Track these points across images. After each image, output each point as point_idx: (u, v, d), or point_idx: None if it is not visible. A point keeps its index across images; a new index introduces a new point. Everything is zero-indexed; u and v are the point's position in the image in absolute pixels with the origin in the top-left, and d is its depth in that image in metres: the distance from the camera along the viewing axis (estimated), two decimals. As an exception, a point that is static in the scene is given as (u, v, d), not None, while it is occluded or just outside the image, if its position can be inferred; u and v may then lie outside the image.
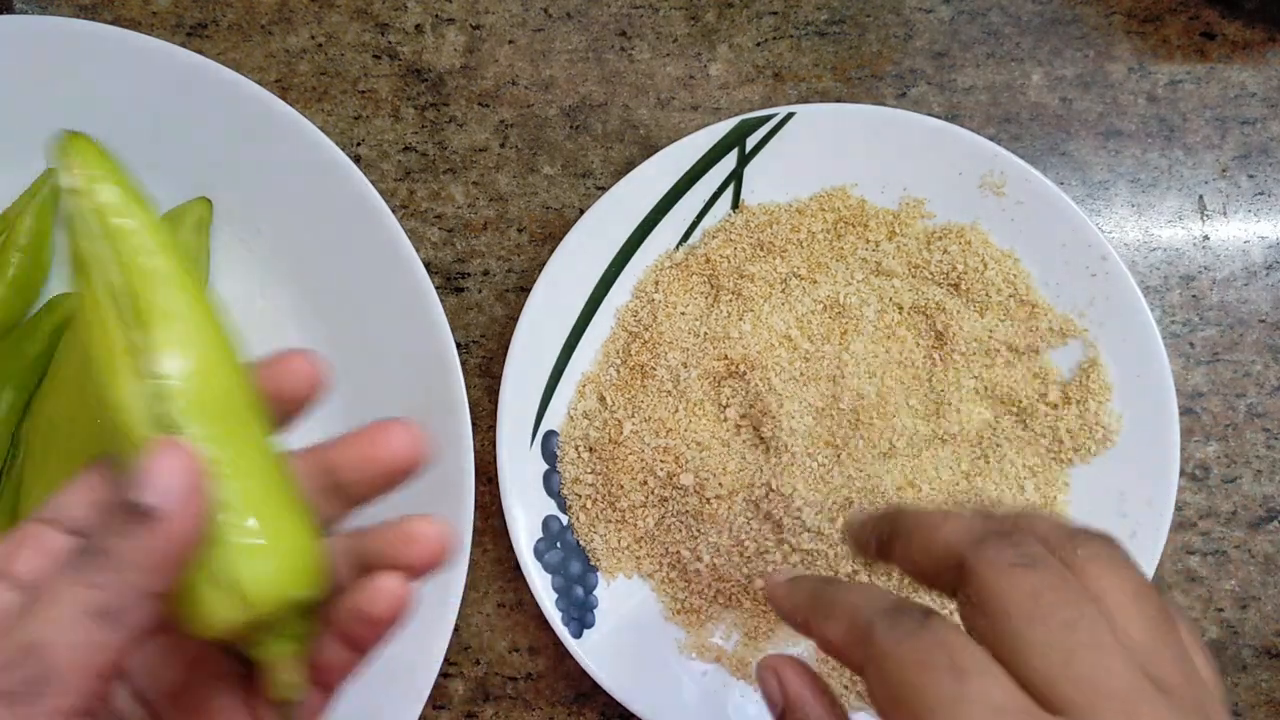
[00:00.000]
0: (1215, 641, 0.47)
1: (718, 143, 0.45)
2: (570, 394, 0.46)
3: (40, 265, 0.45)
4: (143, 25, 0.48)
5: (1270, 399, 0.48)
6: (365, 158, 0.48)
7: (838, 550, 0.44)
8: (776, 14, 0.49)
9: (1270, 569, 0.47)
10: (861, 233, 0.46)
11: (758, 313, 0.45)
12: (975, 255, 0.45)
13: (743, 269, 0.45)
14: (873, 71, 0.49)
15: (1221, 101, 0.48)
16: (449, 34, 0.49)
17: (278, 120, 0.44)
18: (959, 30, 0.49)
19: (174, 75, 0.44)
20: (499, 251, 0.48)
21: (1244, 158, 0.48)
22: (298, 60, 0.48)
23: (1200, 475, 0.48)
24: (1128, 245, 0.48)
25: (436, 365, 0.43)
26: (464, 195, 0.48)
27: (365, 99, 0.48)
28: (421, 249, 0.48)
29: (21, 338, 0.43)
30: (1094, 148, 0.48)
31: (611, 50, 0.49)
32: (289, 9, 0.48)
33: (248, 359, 0.25)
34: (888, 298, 0.46)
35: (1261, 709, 0.47)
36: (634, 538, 0.45)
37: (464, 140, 0.48)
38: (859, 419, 0.44)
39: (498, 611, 0.47)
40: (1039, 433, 0.45)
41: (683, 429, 0.44)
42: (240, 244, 0.46)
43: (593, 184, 0.48)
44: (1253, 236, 0.48)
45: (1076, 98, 0.48)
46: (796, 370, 0.45)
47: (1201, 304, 0.48)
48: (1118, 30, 0.49)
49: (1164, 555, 0.45)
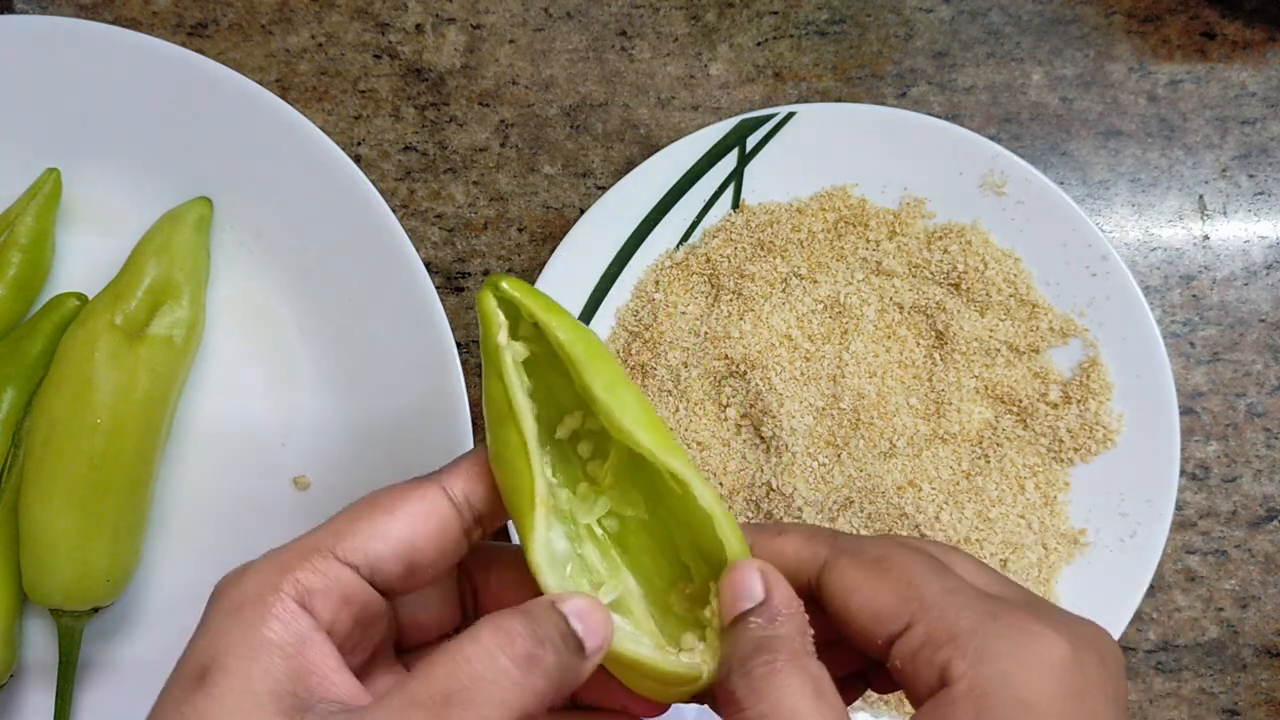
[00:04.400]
0: (1215, 641, 0.47)
1: (718, 142, 0.45)
2: (570, 394, 0.46)
3: (40, 265, 0.45)
4: (143, 25, 0.48)
5: (1270, 399, 0.48)
6: (365, 157, 0.48)
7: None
8: (777, 14, 0.49)
9: (1270, 569, 0.47)
10: (862, 232, 0.46)
11: (758, 312, 0.45)
12: (976, 255, 0.45)
13: (743, 269, 0.45)
14: (873, 71, 0.49)
15: (1221, 101, 0.48)
16: (449, 34, 0.49)
17: (278, 120, 0.44)
18: (959, 30, 0.49)
19: (174, 75, 0.44)
20: (499, 251, 0.48)
21: (1244, 157, 0.48)
22: (298, 60, 0.48)
23: (1200, 475, 0.48)
24: (1128, 245, 0.48)
25: (436, 365, 0.43)
26: (464, 195, 0.48)
27: (365, 99, 0.48)
28: (422, 249, 0.48)
29: (21, 338, 0.43)
30: (1094, 147, 0.48)
31: (612, 50, 0.49)
32: (289, 9, 0.48)
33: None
34: (888, 297, 0.46)
35: (1261, 709, 0.47)
36: (634, 537, 0.45)
37: (464, 140, 0.48)
38: (859, 418, 0.44)
39: (498, 611, 0.47)
40: (1039, 432, 0.45)
41: (683, 428, 0.44)
42: (240, 244, 0.46)
43: (593, 184, 0.48)
44: (1253, 236, 0.48)
45: (1077, 97, 0.48)
46: (797, 370, 0.45)
47: (1201, 304, 0.48)
48: (1118, 30, 0.49)
49: (1164, 555, 0.45)
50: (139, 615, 0.45)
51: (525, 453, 0.27)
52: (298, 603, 0.25)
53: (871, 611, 0.27)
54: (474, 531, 0.29)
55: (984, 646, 0.25)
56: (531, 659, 0.24)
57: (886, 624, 0.27)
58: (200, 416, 0.46)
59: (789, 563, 0.29)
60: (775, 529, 0.30)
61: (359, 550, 0.26)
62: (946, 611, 0.26)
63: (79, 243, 0.46)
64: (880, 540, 0.29)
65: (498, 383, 0.27)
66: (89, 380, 0.41)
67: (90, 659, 0.45)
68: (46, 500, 0.41)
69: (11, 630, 0.42)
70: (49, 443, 0.41)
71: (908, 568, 0.27)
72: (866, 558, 0.28)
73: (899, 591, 0.27)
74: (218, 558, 0.45)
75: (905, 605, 0.26)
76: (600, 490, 0.29)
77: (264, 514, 0.45)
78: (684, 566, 0.29)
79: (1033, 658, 0.25)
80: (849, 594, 0.27)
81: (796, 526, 0.30)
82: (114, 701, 0.45)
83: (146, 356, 0.42)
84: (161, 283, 0.43)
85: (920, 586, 0.27)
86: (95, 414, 0.41)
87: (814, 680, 0.25)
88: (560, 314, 0.28)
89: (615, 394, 0.27)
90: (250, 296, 0.46)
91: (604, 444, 0.29)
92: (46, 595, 0.41)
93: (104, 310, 0.42)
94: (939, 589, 0.27)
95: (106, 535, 0.41)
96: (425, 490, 0.27)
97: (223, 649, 0.24)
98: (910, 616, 0.26)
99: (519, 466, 0.27)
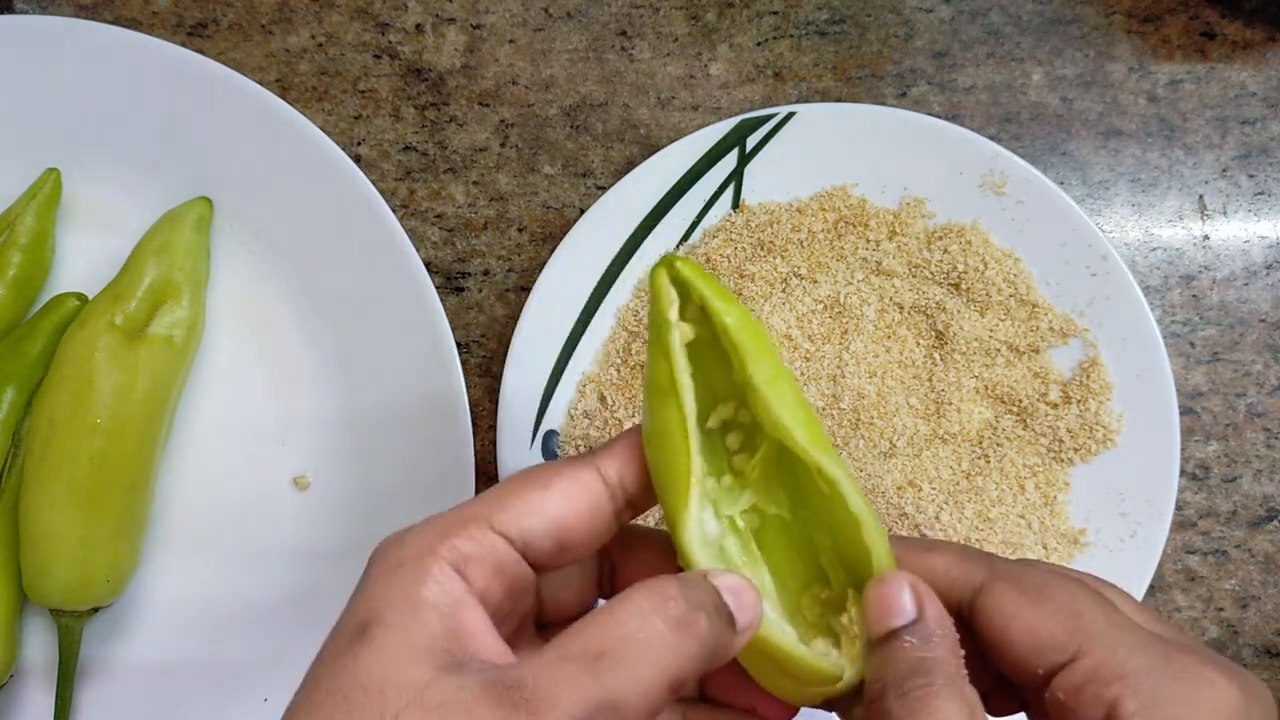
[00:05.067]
0: (1215, 641, 0.47)
1: (718, 142, 0.45)
2: (571, 394, 0.46)
3: (40, 265, 0.45)
4: (143, 25, 0.48)
5: (1270, 399, 0.48)
6: (365, 157, 0.48)
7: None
8: (777, 14, 0.49)
9: (1270, 569, 0.47)
10: (862, 232, 0.46)
11: (758, 312, 0.45)
12: (976, 255, 0.45)
13: (743, 269, 0.45)
14: (873, 71, 0.49)
15: (1221, 101, 0.48)
16: (449, 34, 0.49)
17: (278, 120, 0.44)
18: (959, 30, 0.49)
19: (174, 75, 0.44)
20: (499, 251, 0.48)
21: (1244, 157, 0.48)
22: (298, 60, 0.48)
23: (1200, 475, 0.48)
24: (1128, 245, 0.48)
25: (436, 365, 0.43)
26: (464, 195, 0.48)
27: (365, 99, 0.48)
28: (422, 249, 0.48)
29: (21, 338, 0.43)
30: (1094, 147, 0.48)
31: (612, 50, 0.49)
32: (289, 9, 0.48)
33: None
34: (888, 297, 0.46)
35: (1261, 708, 0.47)
36: (634, 537, 0.45)
37: (464, 140, 0.48)
38: (859, 418, 0.44)
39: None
40: (1039, 432, 0.45)
41: (683, 429, 0.44)
42: (240, 244, 0.46)
43: (593, 184, 0.48)
44: (1253, 236, 0.48)
45: (1077, 97, 0.48)
46: (797, 370, 0.45)
47: (1201, 304, 0.48)
48: (1118, 30, 0.49)
49: (1164, 555, 0.45)
50: (139, 615, 0.45)
51: (684, 430, 0.27)
52: (454, 567, 0.26)
53: (1034, 640, 0.26)
54: (624, 514, 0.29)
55: (1157, 687, 0.25)
56: (685, 623, 0.25)
57: (1049, 654, 0.26)
58: (200, 417, 0.46)
59: (939, 580, 0.28)
60: (924, 545, 0.29)
61: (514, 523, 0.27)
62: (1118, 648, 0.26)
63: (79, 243, 0.46)
64: (1040, 567, 0.29)
65: (663, 360, 0.27)
66: (89, 380, 0.41)
67: (90, 659, 0.45)
68: (46, 500, 0.41)
69: (11, 630, 0.42)
70: (49, 443, 0.41)
71: (1073, 598, 0.27)
72: (1028, 584, 0.27)
73: (1065, 622, 0.26)
74: (218, 557, 0.46)
75: (1072, 636, 0.26)
76: (746, 483, 0.29)
77: (264, 514, 0.45)
78: (820, 571, 0.29)
79: (1207, 704, 0.25)
80: (1009, 620, 0.27)
81: (948, 545, 0.29)
82: (114, 701, 0.45)
83: (146, 356, 0.42)
84: (161, 283, 0.43)
85: (1088, 618, 0.26)
86: (95, 414, 0.41)
87: (970, 707, 0.25)
88: (730, 300, 0.28)
89: (775, 387, 0.27)
90: (250, 296, 0.46)
91: (753, 437, 0.29)
92: (46, 595, 0.41)
93: (104, 310, 0.42)
94: (1108, 623, 0.26)
95: (106, 535, 0.41)
96: (581, 470, 0.28)
97: (383, 605, 0.25)
98: (1077, 648, 0.26)
99: (676, 445, 0.27)
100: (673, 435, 0.27)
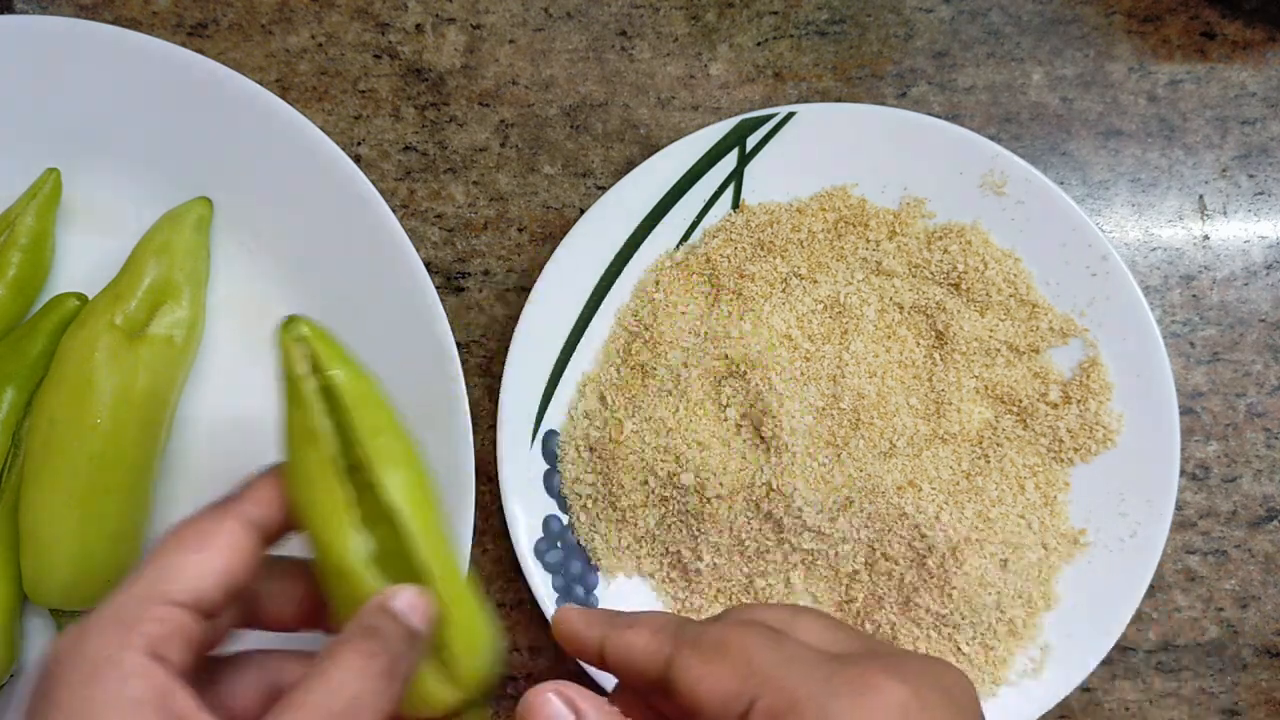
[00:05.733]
0: (1215, 641, 0.47)
1: (718, 142, 0.45)
2: (571, 394, 0.46)
3: (40, 265, 0.45)
4: (143, 25, 0.48)
5: (1270, 399, 0.48)
6: (365, 157, 0.48)
7: (838, 550, 0.44)
8: (777, 14, 0.49)
9: (1270, 569, 0.47)
10: (862, 232, 0.46)
11: (758, 312, 0.45)
12: (976, 255, 0.45)
13: (743, 269, 0.45)
14: (873, 71, 0.49)
15: (1221, 101, 0.49)
16: (449, 34, 0.49)
17: (278, 120, 0.44)
18: (959, 30, 0.49)
19: (174, 75, 0.44)
20: (499, 251, 0.48)
21: (1244, 157, 0.48)
22: (298, 60, 0.48)
23: (1200, 475, 0.48)
24: (1128, 245, 0.48)
25: (436, 365, 0.43)
26: (464, 195, 0.48)
27: (365, 99, 0.48)
28: (422, 249, 0.48)
29: (21, 338, 0.43)
30: (1094, 147, 0.48)
31: (612, 50, 0.49)
32: (289, 9, 0.48)
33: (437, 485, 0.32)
34: (888, 297, 0.46)
35: (1261, 709, 0.47)
36: (634, 537, 0.45)
37: (464, 140, 0.48)
38: (859, 418, 0.44)
39: (498, 611, 0.47)
40: (1039, 432, 0.45)
41: (683, 429, 0.44)
42: (240, 244, 0.46)
43: (593, 184, 0.48)
44: (1253, 236, 0.48)
45: (1077, 97, 0.48)
46: (797, 370, 0.45)
47: (1201, 304, 0.48)
48: (1118, 30, 0.49)
49: (1164, 555, 0.45)
50: (139, 615, 0.45)
51: (331, 469, 0.30)
52: (150, 655, 0.26)
53: (719, 697, 0.27)
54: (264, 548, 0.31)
55: (824, 709, 0.26)
56: (392, 669, 0.27)
57: (733, 706, 0.27)
58: (200, 416, 0.46)
59: (637, 658, 0.29)
60: (625, 622, 0.30)
61: (188, 591, 0.27)
62: (785, 681, 0.27)
63: (79, 243, 0.46)
64: (722, 623, 0.30)
65: (298, 409, 0.31)
66: (89, 380, 0.41)
67: (90, 659, 0.45)
68: (46, 500, 0.41)
69: (11, 630, 0.42)
70: (49, 443, 0.41)
71: (744, 646, 0.28)
72: (706, 645, 0.28)
73: (738, 671, 0.27)
74: (218, 558, 0.46)
75: (746, 683, 0.27)
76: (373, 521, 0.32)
77: (264, 514, 0.45)
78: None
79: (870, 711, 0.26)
80: (695, 684, 0.28)
81: (647, 618, 0.30)
82: (114, 701, 0.45)
83: (146, 356, 0.42)
84: (161, 283, 0.43)
85: (758, 661, 0.27)
86: (95, 414, 0.41)
87: None
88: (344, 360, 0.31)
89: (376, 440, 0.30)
90: (250, 296, 0.46)
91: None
92: (46, 595, 0.41)
93: (104, 310, 0.42)
94: (778, 660, 0.27)
95: (106, 535, 0.41)
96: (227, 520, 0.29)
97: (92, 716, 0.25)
98: (752, 694, 0.27)
99: (325, 483, 0.30)
100: (321, 475, 0.30)
